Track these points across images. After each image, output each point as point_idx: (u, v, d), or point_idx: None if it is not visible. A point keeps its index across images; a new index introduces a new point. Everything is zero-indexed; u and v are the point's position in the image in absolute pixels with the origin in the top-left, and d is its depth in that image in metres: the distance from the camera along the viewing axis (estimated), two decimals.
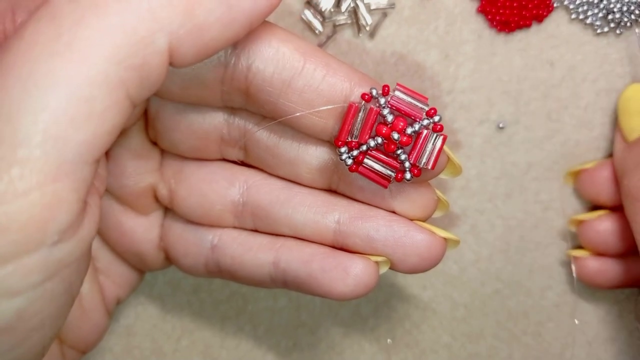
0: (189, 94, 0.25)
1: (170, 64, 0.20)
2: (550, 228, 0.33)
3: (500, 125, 0.32)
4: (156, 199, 0.29)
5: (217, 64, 0.23)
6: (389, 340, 0.35)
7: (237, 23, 0.20)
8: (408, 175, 0.24)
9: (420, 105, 0.24)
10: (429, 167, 0.24)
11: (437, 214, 0.27)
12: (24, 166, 0.17)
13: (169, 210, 0.30)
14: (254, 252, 0.27)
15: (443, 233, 0.26)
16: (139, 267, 0.30)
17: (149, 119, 0.27)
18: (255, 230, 0.28)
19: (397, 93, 0.24)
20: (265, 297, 0.35)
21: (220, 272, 0.28)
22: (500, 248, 0.34)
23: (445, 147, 0.24)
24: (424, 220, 0.26)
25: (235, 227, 0.28)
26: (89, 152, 0.18)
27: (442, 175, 0.26)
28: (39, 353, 0.21)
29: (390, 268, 0.26)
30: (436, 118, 0.23)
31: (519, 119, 0.32)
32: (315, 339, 0.35)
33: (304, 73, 0.23)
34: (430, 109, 0.23)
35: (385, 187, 0.25)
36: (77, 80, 0.18)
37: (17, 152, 0.17)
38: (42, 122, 0.17)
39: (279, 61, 0.23)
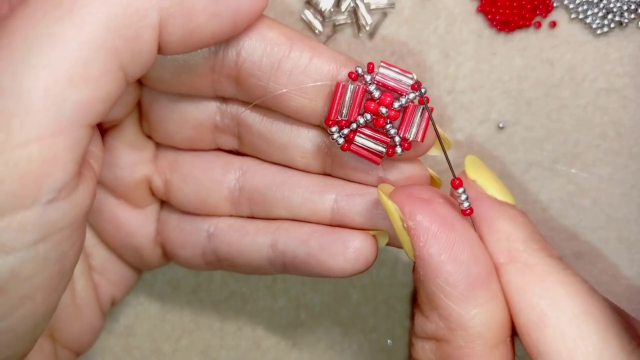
0: (180, 83, 0.25)
1: (159, 50, 0.21)
2: (550, 228, 0.33)
3: (500, 125, 0.32)
4: (151, 191, 0.29)
5: (207, 51, 0.24)
6: (389, 341, 0.35)
7: (221, 18, 0.21)
8: (399, 150, 0.24)
9: (405, 79, 0.24)
10: (419, 140, 0.24)
11: None
12: (24, 118, 0.18)
13: (165, 204, 0.30)
14: (251, 237, 0.27)
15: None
16: (136, 264, 0.30)
17: (142, 112, 0.27)
18: (252, 217, 0.28)
19: (382, 70, 0.24)
20: (265, 297, 0.35)
21: (218, 261, 0.28)
22: None
23: (433, 122, 0.25)
24: None
25: (231, 215, 0.28)
26: (84, 113, 0.19)
27: (431, 152, 0.26)
28: (30, 333, 0.21)
29: (388, 244, 0.26)
30: (422, 90, 0.24)
31: (519, 119, 0.32)
32: (315, 339, 0.35)
33: (291, 56, 0.24)
34: (415, 82, 0.24)
35: (378, 163, 0.25)
36: (75, 43, 0.19)
37: (19, 105, 0.18)
38: (42, 79, 0.19)
39: (266, 45, 0.24)
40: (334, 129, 0.24)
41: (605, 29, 0.31)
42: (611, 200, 0.33)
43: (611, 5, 0.31)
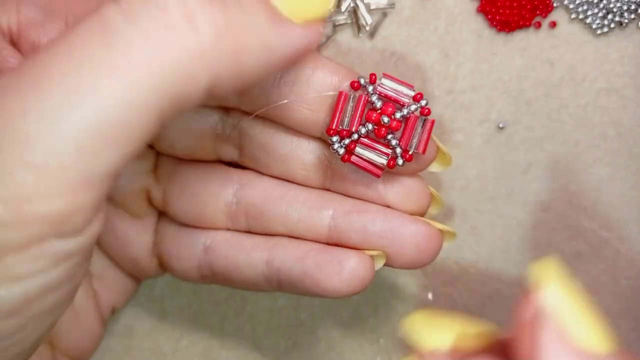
0: None
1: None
2: (550, 228, 0.33)
3: (500, 125, 0.32)
4: (150, 202, 0.29)
5: None
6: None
7: (275, 65, 0.21)
8: (400, 161, 0.24)
9: (407, 91, 0.24)
10: (420, 151, 0.24)
11: (433, 211, 0.27)
12: (54, 173, 0.18)
13: (163, 215, 0.29)
14: (247, 252, 0.27)
15: (439, 225, 0.26)
16: (133, 273, 0.30)
17: None
18: (249, 232, 0.28)
19: (384, 81, 0.24)
20: (265, 297, 0.35)
21: (213, 275, 0.28)
22: (500, 248, 0.34)
23: (434, 137, 0.25)
24: (420, 216, 0.26)
25: (228, 229, 0.28)
26: (115, 168, 0.19)
27: (432, 168, 0.26)
28: (34, 345, 0.21)
29: (386, 264, 0.26)
30: (423, 102, 0.24)
31: (519, 119, 0.32)
32: (315, 339, 0.35)
33: (294, 67, 0.24)
34: (417, 94, 0.24)
35: (378, 176, 0.25)
36: (117, 101, 0.18)
37: (51, 158, 0.18)
38: (79, 135, 0.18)
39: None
40: (334, 138, 0.24)
41: (605, 29, 0.31)
42: (611, 200, 0.33)
43: (611, 6, 0.31)
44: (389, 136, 0.24)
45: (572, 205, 0.33)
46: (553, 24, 0.31)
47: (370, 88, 0.24)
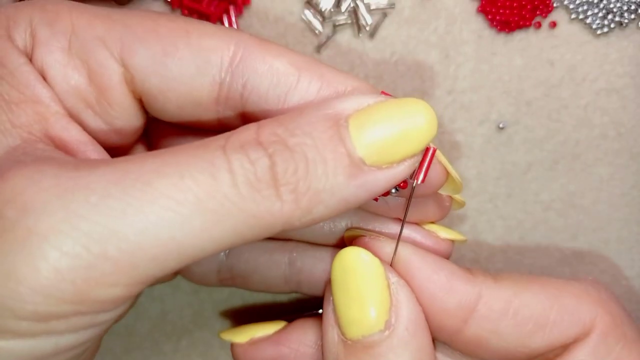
0: (185, 114, 0.24)
1: None
2: (550, 228, 0.33)
3: (500, 125, 0.32)
4: None
5: (212, 82, 0.23)
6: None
7: (347, 209, 0.21)
8: (393, 190, 0.23)
9: None
10: (419, 181, 0.23)
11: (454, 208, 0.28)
12: (124, 267, 0.18)
13: None
14: (269, 254, 0.28)
15: (450, 234, 0.27)
16: None
17: (152, 142, 0.27)
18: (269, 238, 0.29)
19: None
20: (265, 297, 0.35)
21: (232, 278, 0.29)
22: (500, 248, 0.34)
23: (445, 161, 0.24)
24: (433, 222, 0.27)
25: None
26: (163, 274, 0.20)
27: (441, 191, 0.26)
28: None
29: None
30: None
31: (519, 119, 0.32)
32: None
33: (299, 87, 0.23)
34: None
35: (376, 200, 0.24)
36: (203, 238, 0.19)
37: (127, 254, 0.18)
38: (157, 245, 0.19)
39: (273, 76, 0.23)
40: None
41: (605, 29, 0.31)
42: (611, 200, 0.33)
43: (611, 6, 0.31)
44: None
45: (572, 205, 0.33)
46: (553, 24, 0.31)
47: None
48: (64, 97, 0.23)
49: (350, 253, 0.23)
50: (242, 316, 0.35)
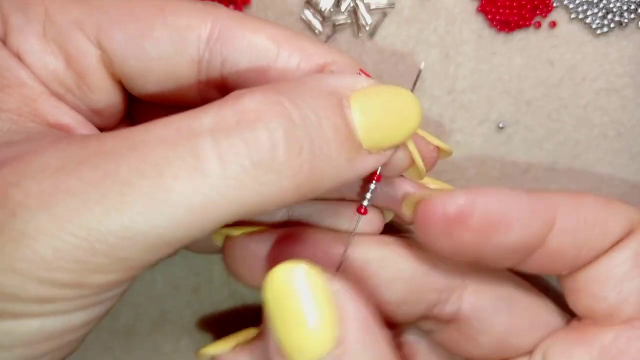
0: (167, 94, 0.24)
1: None
2: None
3: (500, 125, 0.32)
4: None
5: (190, 61, 0.23)
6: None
7: (338, 186, 0.21)
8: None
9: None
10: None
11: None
12: (122, 255, 0.18)
13: None
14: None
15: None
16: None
17: (136, 122, 0.27)
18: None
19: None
20: None
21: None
22: None
23: (432, 136, 0.24)
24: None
25: None
26: (157, 260, 0.19)
27: (432, 185, 0.26)
28: None
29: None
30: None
31: (519, 119, 0.32)
32: None
33: (278, 61, 0.23)
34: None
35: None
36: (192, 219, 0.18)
37: (122, 241, 0.18)
38: (152, 234, 0.18)
39: (252, 52, 0.23)
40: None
41: (605, 29, 0.31)
42: None
43: (611, 6, 0.31)
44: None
45: None
46: (553, 24, 0.31)
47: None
48: (43, 83, 0.23)
49: (278, 274, 0.21)
50: (242, 316, 0.35)
